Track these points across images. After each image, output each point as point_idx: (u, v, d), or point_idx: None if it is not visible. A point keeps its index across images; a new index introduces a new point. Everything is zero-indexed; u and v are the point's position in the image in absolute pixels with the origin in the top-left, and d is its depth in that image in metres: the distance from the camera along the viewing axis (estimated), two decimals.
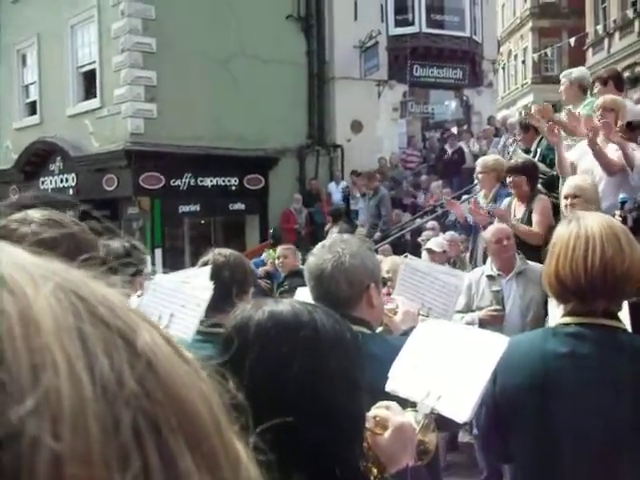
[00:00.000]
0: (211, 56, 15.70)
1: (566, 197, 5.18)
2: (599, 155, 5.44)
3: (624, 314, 2.14)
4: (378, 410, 1.79)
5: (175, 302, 2.80)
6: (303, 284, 2.58)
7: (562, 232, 2.06)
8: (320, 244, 2.37)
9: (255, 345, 1.29)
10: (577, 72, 6.92)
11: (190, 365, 0.41)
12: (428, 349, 1.97)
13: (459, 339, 1.94)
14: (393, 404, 1.84)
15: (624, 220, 4.77)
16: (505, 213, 5.98)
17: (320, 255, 2.28)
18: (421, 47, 18.29)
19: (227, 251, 3.04)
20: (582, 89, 6.67)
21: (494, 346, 1.84)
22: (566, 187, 5.32)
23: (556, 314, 2.15)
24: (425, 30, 18.42)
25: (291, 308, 1.35)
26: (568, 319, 2.03)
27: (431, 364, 1.93)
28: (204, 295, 2.78)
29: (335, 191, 16.35)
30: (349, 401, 1.35)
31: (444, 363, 1.90)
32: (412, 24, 18.43)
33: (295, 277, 7.71)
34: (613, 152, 5.50)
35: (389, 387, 1.97)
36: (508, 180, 6.19)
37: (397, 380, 1.98)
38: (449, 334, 1.98)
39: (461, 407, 1.81)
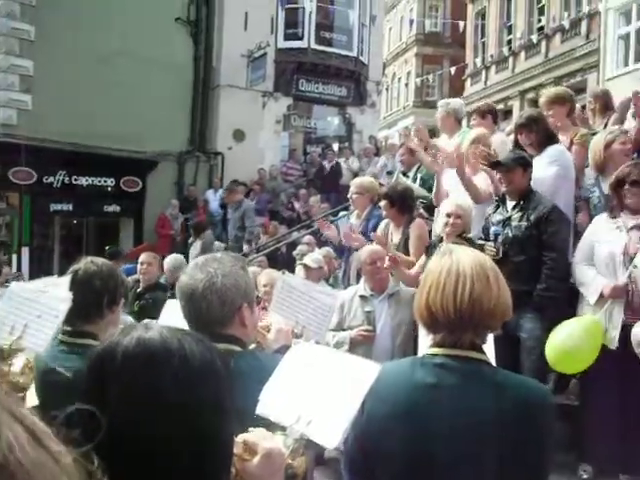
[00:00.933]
0: (93, 52, 15.15)
1: (448, 215, 5.34)
2: (467, 184, 5.66)
3: (489, 347, 2.20)
4: (247, 435, 1.76)
5: (31, 312, 2.65)
6: (164, 298, 2.51)
7: (434, 266, 2.09)
8: (193, 262, 2.33)
9: (122, 374, 1.23)
10: (454, 103, 7.17)
11: (52, 455, 0.37)
12: (301, 373, 1.96)
13: (332, 364, 1.93)
14: (262, 430, 1.82)
15: (497, 252, 4.98)
16: (383, 239, 6.07)
17: (192, 274, 2.23)
18: (308, 62, 18.49)
19: (100, 260, 2.93)
20: (457, 120, 6.92)
21: (366, 373, 1.85)
22: (448, 205, 5.46)
23: (425, 343, 2.19)
24: (313, 46, 18.64)
25: (160, 335, 1.30)
26: (436, 350, 2.06)
27: (303, 388, 1.91)
28: (62, 306, 2.65)
29: (213, 199, 16.18)
30: (219, 429, 1.32)
31: (316, 388, 1.89)
32: (301, 39, 18.59)
33: (157, 290, 7.44)
34: (482, 181, 5.72)
35: (260, 410, 1.94)
36: (381, 204, 6.31)
37: (268, 403, 1.96)
38: (322, 359, 1.97)
39: (330, 433, 1.80)
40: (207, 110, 17.68)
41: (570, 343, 4.21)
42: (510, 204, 5.15)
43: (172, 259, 8.35)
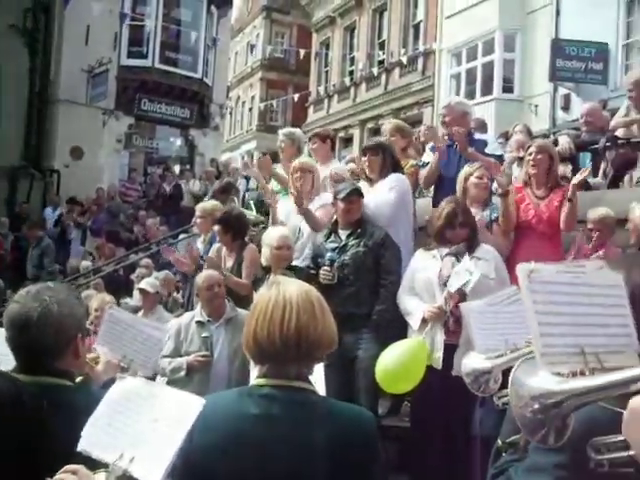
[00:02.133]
0: None
1: (278, 248, 5.43)
2: (306, 215, 5.81)
3: (319, 375, 2.26)
4: (63, 475, 1.71)
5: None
6: None
7: (263, 296, 2.13)
8: (24, 290, 2.23)
9: None
10: (298, 133, 7.35)
11: None
12: (123, 408, 1.93)
13: (155, 398, 1.92)
14: (80, 467, 1.77)
15: (333, 277, 5.12)
16: (216, 262, 6.07)
17: (24, 303, 2.15)
18: (152, 81, 18.23)
19: None
20: (299, 149, 7.09)
21: (189, 407, 1.85)
22: (273, 237, 5.56)
23: (254, 373, 2.22)
24: (158, 65, 18.41)
25: None
26: (262, 381, 2.09)
27: (125, 424, 1.88)
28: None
29: (51, 217, 15.48)
30: (24, 471, 1.27)
31: (138, 424, 1.87)
32: (145, 57, 18.30)
33: None
34: (322, 211, 5.88)
35: (81, 446, 1.89)
36: (215, 228, 6.41)
37: (90, 439, 1.91)
38: (145, 393, 1.95)
39: (153, 469, 1.78)
40: (43, 125, 16.95)
41: (396, 364, 4.39)
42: (343, 232, 5.31)
43: None
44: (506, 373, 1.66)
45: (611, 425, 1.10)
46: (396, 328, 4.92)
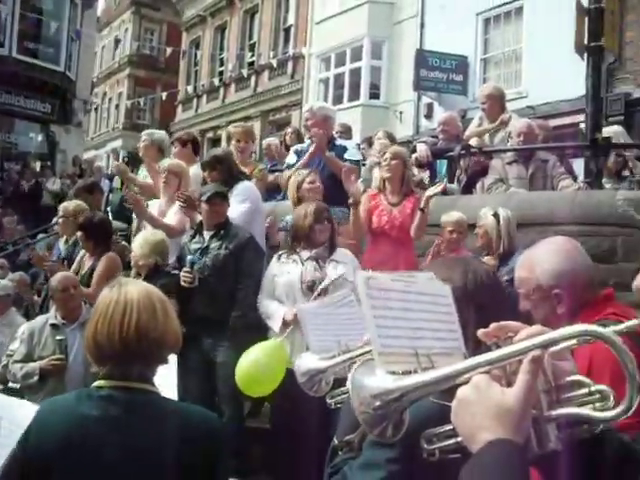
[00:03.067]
0: None
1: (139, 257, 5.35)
2: (152, 222, 5.75)
3: (170, 377, 2.24)
4: None
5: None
6: None
7: (104, 298, 2.11)
8: None
9: None
10: (158, 134, 7.21)
11: None
12: None
13: None
14: None
15: (193, 279, 5.07)
16: (56, 268, 5.85)
17: None
18: (9, 72, 17.31)
19: None
20: (160, 151, 6.97)
21: (21, 414, 1.79)
22: (139, 239, 5.47)
23: None
24: (16, 55, 17.53)
25: None
26: (103, 382, 2.06)
27: None
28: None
29: None
30: None
31: None
32: (2, 46, 17.40)
33: None
34: (173, 216, 5.83)
35: None
36: (77, 234, 6.13)
37: None
38: None
39: None
40: None
41: (255, 368, 4.39)
42: (207, 233, 5.26)
43: None
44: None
45: (441, 418, 1.19)
46: (255, 332, 4.90)
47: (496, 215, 5.25)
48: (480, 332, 1.18)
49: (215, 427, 2.15)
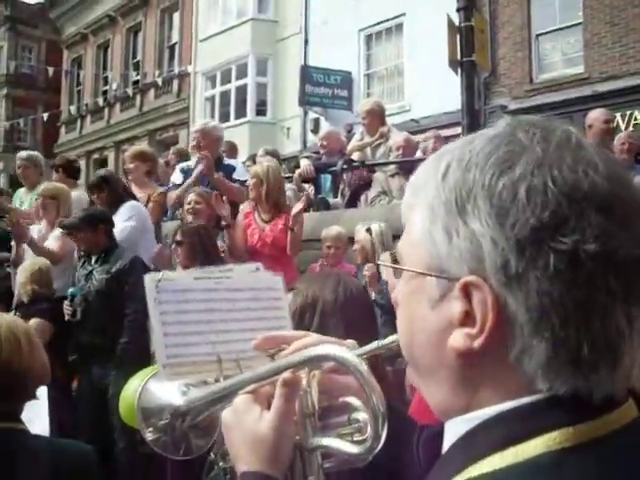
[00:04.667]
0: None
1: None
2: (35, 249, 5.55)
3: (42, 410, 2.13)
4: None
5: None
6: None
7: None
8: None
9: None
10: (37, 155, 7.04)
11: None
12: None
13: None
14: None
15: (74, 313, 4.91)
16: None
17: None
18: None
19: None
20: (40, 173, 6.79)
21: None
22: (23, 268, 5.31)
23: None
24: None
25: None
26: None
27: None
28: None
29: None
30: None
31: None
32: None
33: None
34: (53, 242, 5.64)
35: None
36: None
37: None
38: None
39: None
40: None
41: (134, 397, 4.27)
42: (93, 258, 5.08)
43: None
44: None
45: None
46: (146, 358, 4.74)
47: (369, 230, 5.26)
48: (252, 343, 1.05)
49: (88, 459, 2.07)
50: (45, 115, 25.44)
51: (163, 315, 1.10)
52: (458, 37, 7.37)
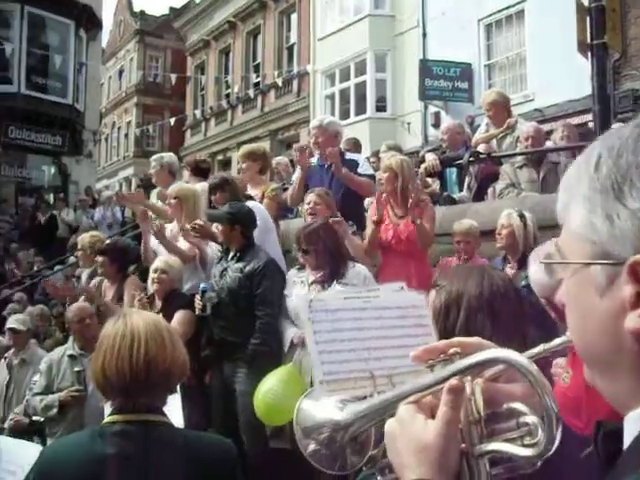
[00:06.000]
0: None
1: (155, 271, 5.35)
2: (168, 247, 5.73)
3: (176, 406, 2.21)
4: None
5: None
6: None
7: (109, 330, 2.08)
8: None
9: None
10: (168, 157, 7.20)
11: None
12: None
13: None
14: None
15: (204, 308, 5.02)
16: (92, 290, 5.93)
17: None
18: (19, 108, 17.51)
19: None
20: (171, 173, 6.98)
21: (23, 457, 1.76)
22: (156, 261, 5.50)
23: (107, 410, 2.16)
24: (24, 91, 17.71)
25: None
26: (114, 417, 2.04)
27: None
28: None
29: None
30: None
31: None
32: (10, 83, 17.59)
33: None
34: (184, 242, 5.79)
35: None
36: (98, 259, 6.17)
37: None
38: None
39: None
40: None
41: (271, 396, 4.34)
42: (230, 255, 5.15)
43: None
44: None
45: None
46: (274, 358, 4.83)
47: (522, 217, 5.01)
48: (411, 355, 1.06)
49: (231, 456, 2.12)
50: (172, 120, 26.44)
51: (317, 334, 1.14)
52: (588, 19, 7.09)
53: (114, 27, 42.30)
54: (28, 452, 1.79)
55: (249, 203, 5.70)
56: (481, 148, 7.25)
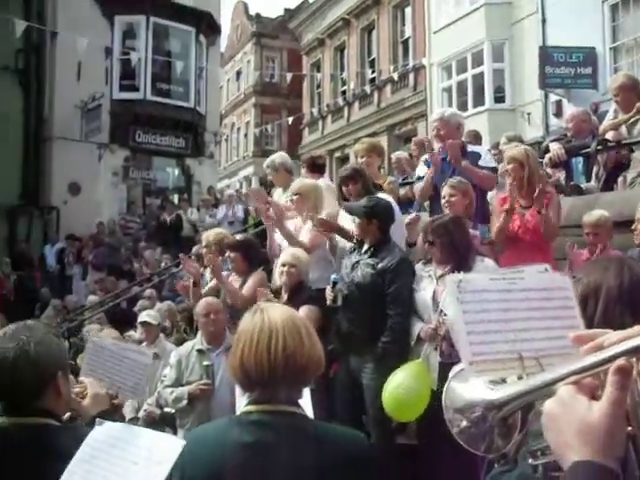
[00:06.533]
0: None
1: (283, 265, 5.40)
2: (288, 238, 5.80)
3: (306, 400, 2.23)
4: None
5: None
6: None
7: (247, 324, 2.11)
8: (2, 331, 2.20)
9: None
10: (278, 158, 7.22)
11: None
12: (103, 453, 1.89)
13: (134, 441, 1.89)
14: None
15: (335, 299, 5.04)
16: (219, 267, 6.03)
17: (1, 343, 2.12)
18: (145, 114, 18.29)
19: None
20: (288, 171, 7.07)
21: (169, 448, 1.82)
22: (283, 255, 5.56)
23: (242, 402, 2.20)
24: (150, 97, 18.48)
25: None
26: (252, 407, 2.07)
27: (105, 468, 1.85)
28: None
29: (50, 254, 15.51)
30: None
31: (119, 467, 1.84)
32: (137, 90, 18.40)
33: None
34: (305, 234, 5.86)
35: None
36: (227, 255, 6.27)
37: None
38: (124, 438, 1.92)
39: None
40: (39, 163, 17.03)
41: (402, 392, 4.31)
42: (363, 248, 5.11)
43: None
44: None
45: None
46: (402, 355, 4.74)
47: None
48: (571, 335, 1.04)
49: (365, 450, 2.11)
50: (290, 119, 26.82)
51: (465, 314, 1.13)
52: None
53: (231, 31, 43.47)
54: (169, 442, 1.84)
55: (378, 195, 5.66)
56: (609, 135, 6.92)
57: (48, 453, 1.97)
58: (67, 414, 2.48)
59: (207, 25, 19.69)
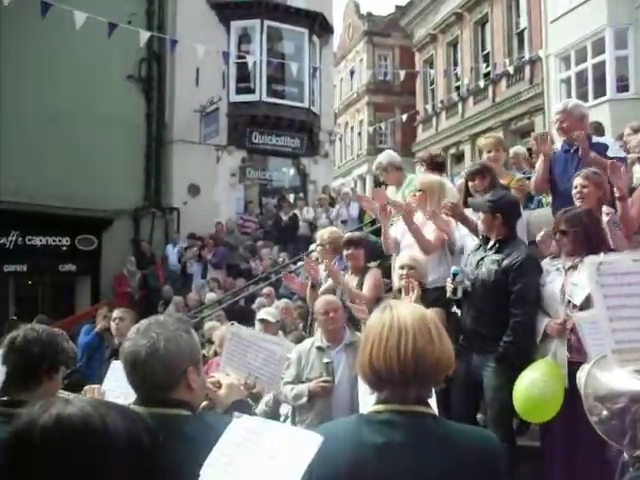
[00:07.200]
0: (45, 111, 15.19)
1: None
2: (415, 234, 5.73)
3: (432, 400, 2.19)
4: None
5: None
6: None
7: (375, 321, 2.08)
8: (134, 327, 2.29)
9: (40, 453, 1.19)
10: (386, 158, 7.15)
11: None
12: (241, 448, 1.92)
13: (271, 437, 1.91)
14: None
15: (454, 291, 4.98)
16: (337, 271, 6.06)
17: (135, 340, 2.19)
18: (261, 115, 18.64)
19: (40, 327, 2.88)
20: (397, 168, 7.01)
21: (306, 445, 1.82)
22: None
23: (367, 400, 2.18)
24: (265, 99, 18.82)
25: (80, 412, 1.26)
26: (381, 407, 2.04)
27: (243, 464, 1.88)
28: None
29: (172, 254, 16.10)
30: None
31: (256, 463, 1.86)
32: (253, 92, 18.78)
33: None
34: (430, 232, 5.78)
35: None
36: (345, 252, 6.25)
37: None
38: (262, 432, 1.94)
39: None
40: (161, 166, 17.70)
41: (537, 391, 4.19)
42: (489, 245, 5.06)
43: None
44: None
45: None
46: (525, 355, 4.64)
47: None
48: None
49: (497, 451, 2.05)
50: (403, 117, 26.66)
51: (607, 299, 1.05)
52: None
53: (343, 31, 43.69)
54: (307, 437, 1.86)
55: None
56: None
57: (176, 438, 2.03)
58: (204, 402, 2.57)
59: (320, 26, 19.85)
